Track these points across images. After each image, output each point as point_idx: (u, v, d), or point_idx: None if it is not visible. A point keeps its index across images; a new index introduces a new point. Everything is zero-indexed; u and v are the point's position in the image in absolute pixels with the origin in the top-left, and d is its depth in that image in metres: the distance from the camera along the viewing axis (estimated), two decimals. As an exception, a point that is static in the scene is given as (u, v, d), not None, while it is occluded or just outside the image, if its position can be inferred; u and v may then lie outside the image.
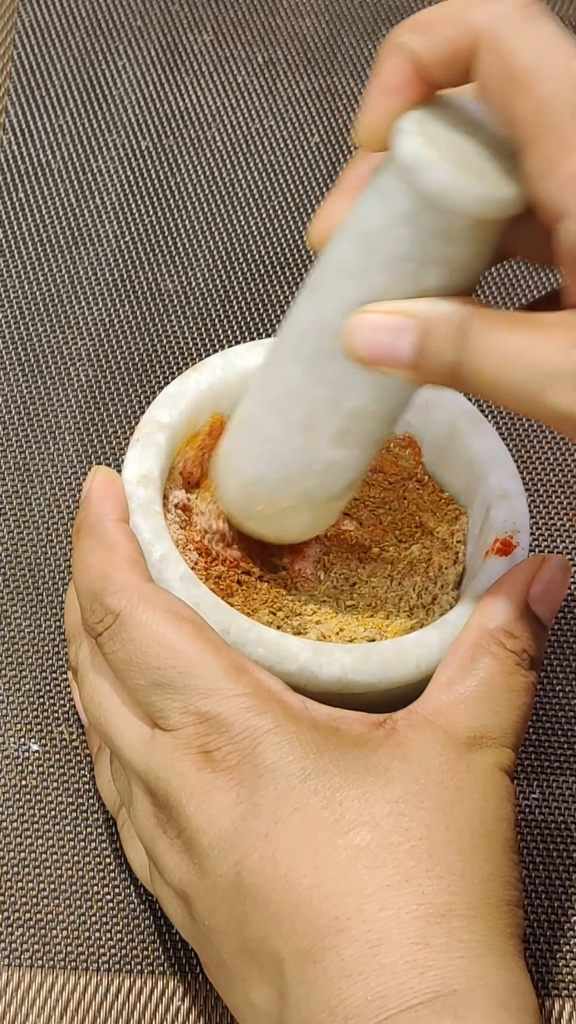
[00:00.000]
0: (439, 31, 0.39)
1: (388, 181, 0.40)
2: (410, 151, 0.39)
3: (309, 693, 0.44)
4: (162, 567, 0.46)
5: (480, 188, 0.39)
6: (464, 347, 0.39)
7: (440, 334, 0.39)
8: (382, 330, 0.40)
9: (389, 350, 0.40)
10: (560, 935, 0.52)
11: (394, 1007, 0.39)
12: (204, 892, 0.42)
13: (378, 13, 0.77)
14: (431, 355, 0.40)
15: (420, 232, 0.40)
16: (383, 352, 0.40)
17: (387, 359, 0.40)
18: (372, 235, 0.41)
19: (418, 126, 0.39)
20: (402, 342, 0.40)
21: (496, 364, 0.38)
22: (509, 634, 0.44)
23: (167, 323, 0.65)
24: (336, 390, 0.44)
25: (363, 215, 0.41)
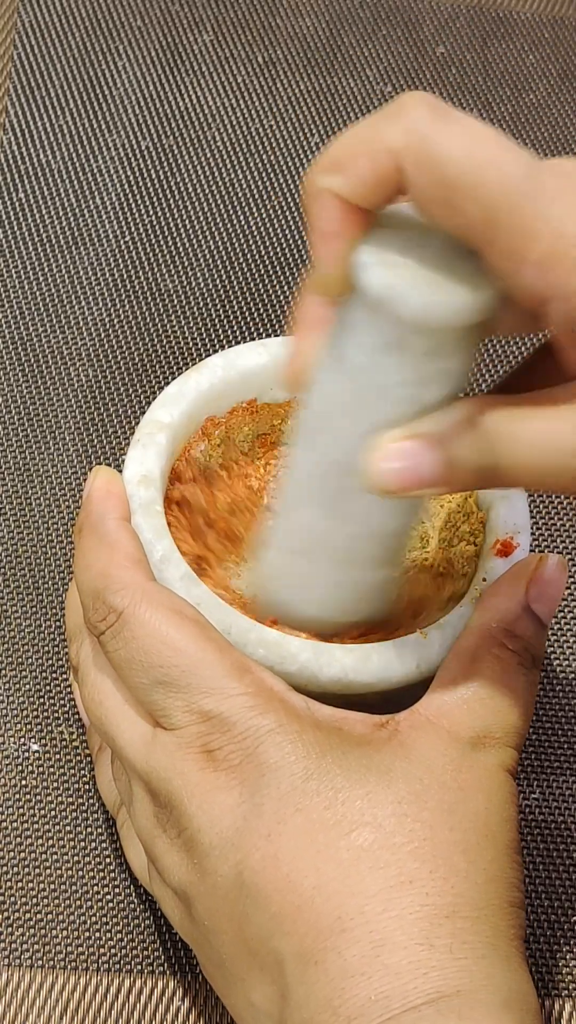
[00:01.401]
0: (357, 165, 0.38)
1: (362, 316, 0.39)
2: (377, 285, 0.38)
3: (309, 693, 0.44)
4: (163, 567, 0.46)
5: (458, 298, 0.38)
6: (490, 446, 0.39)
7: (459, 443, 0.39)
8: (402, 459, 0.40)
9: (415, 475, 0.40)
10: (560, 935, 0.52)
11: (397, 1007, 0.39)
12: (204, 892, 0.42)
13: (378, 13, 0.77)
14: (456, 467, 0.39)
15: (410, 356, 0.39)
16: (410, 479, 0.40)
17: (416, 484, 0.40)
18: (361, 370, 0.40)
19: (376, 258, 0.38)
20: (425, 464, 0.39)
21: (530, 456, 0.38)
22: (510, 634, 0.44)
23: (167, 323, 0.65)
24: (367, 521, 0.43)
25: (345, 352, 0.40)
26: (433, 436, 0.39)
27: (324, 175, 0.39)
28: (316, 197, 0.39)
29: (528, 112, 0.74)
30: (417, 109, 0.37)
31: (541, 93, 0.75)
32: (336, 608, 0.47)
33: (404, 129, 0.37)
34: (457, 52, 0.76)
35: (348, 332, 0.40)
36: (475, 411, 0.39)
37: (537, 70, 0.76)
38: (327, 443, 0.42)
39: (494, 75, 0.75)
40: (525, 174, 0.36)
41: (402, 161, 0.37)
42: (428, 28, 0.77)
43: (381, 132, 0.38)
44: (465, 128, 0.37)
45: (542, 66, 0.76)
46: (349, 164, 0.38)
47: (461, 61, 0.76)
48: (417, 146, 0.37)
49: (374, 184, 0.38)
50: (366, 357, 0.40)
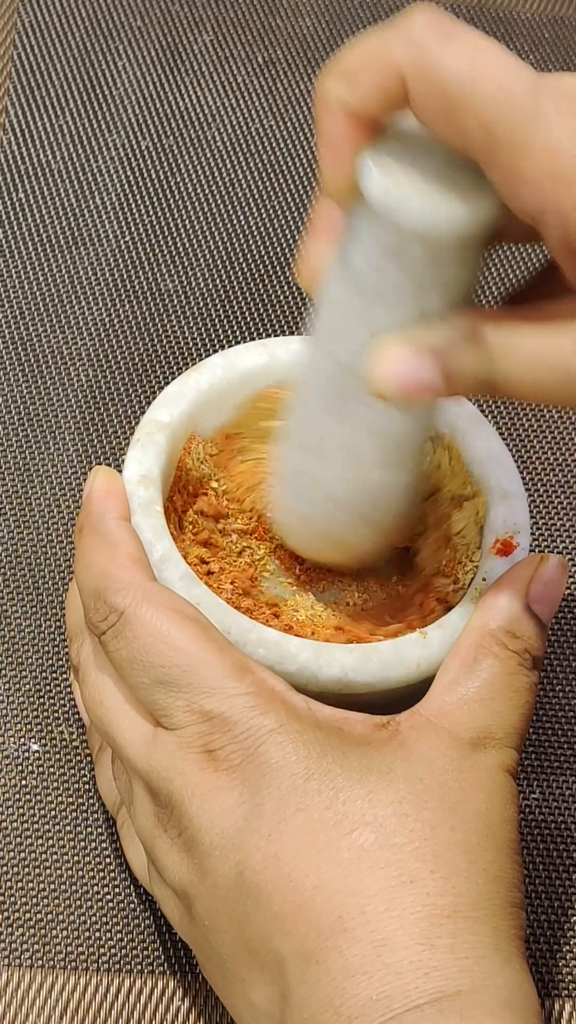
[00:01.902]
0: (363, 76, 0.38)
1: (366, 222, 0.40)
2: (379, 191, 0.39)
3: (309, 693, 0.44)
4: (163, 566, 0.46)
5: (456, 208, 0.39)
6: (487, 359, 0.39)
7: (458, 353, 0.40)
8: (404, 367, 0.40)
9: (417, 383, 0.40)
10: (560, 935, 0.52)
11: (399, 1007, 0.39)
12: (205, 892, 0.42)
13: (378, 13, 0.77)
14: (455, 376, 0.40)
15: (410, 263, 0.40)
16: (410, 387, 0.40)
17: (418, 391, 0.40)
18: (364, 273, 0.41)
19: (378, 167, 0.39)
20: (426, 373, 0.40)
21: (525, 370, 0.38)
22: (511, 634, 0.44)
23: (167, 323, 0.65)
24: (371, 423, 0.44)
25: (350, 256, 0.41)
26: (434, 344, 0.40)
27: (330, 83, 0.39)
28: (324, 105, 0.39)
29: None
30: (423, 22, 0.38)
31: (541, 93, 0.75)
32: (347, 501, 0.47)
33: (408, 42, 0.37)
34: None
35: (353, 237, 0.41)
36: (475, 323, 0.39)
37: (537, 70, 0.76)
38: (334, 345, 0.43)
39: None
40: (525, 91, 0.37)
41: (406, 74, 0.38)
42: (428, 28, 0.77)
43: (387, 44, 0.38)
44: (468, 43, 0.37)
45: (542, 66, 0.76)
46: (355, 75, 0.39)
47: (461, 61, 0.76)
48: (420, 60, 0.37)
49: (378, 95, 0.38)
50: (369, 261, 0.40)
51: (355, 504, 0.47)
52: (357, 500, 0.47)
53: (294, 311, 0.66)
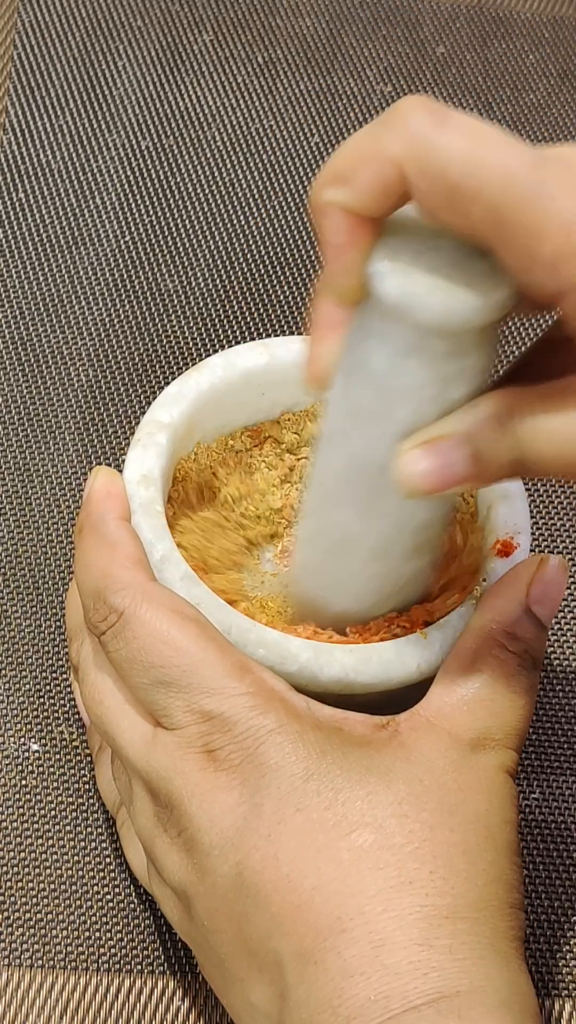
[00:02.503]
0: (361, 177, 0.38)
1: (379, 322, 0.39)
2: (394, 292, 0.38)
3: (310, 693, 0.44)
4: (163, 567, 0.46)
5: (474, 299, 0.38)
6: (517, 442, 0.39)
7: (487, 438, 0.39)
8: (432, 459, 0.40)
9: (447, 474, 0.40)
10: (560, 935, 0.52)
11: (397, 1007, 0.39)
12: (204, 892, 0.42)
13: (378, 13, 0.77)
14: (487, 461, 0.39)
15: (431, 358, 0.39)
16: (442, 478, 0.40)
17: (448, 482, 0.40)
18: (383, 374, 0.40)
19: (389, 265, 0.39)
20: (456, 462, 0.40)
21: (558, 450, 0.38)
22: (511, 635, 0.44)
23: (167, 323, 0.65)
24: (399, 517, 0.44)
25: (365, 357, 0.40)
26: (461, 434, 0.40)
27: (328, 188, 0.39)
28: (323, 211, 0.39)
29: (528, 112, 0.74)
30: (415, 114, 0.37)
31: (541, 93, 0.75)
32: (371, 600, 0.47)
33: (404, 136, 0.37)
34: (457, 52, 0.76)
35: (368, 338, 0.40)
36: (500, 406, 0.39)
37: (537, 70, 0.76)
38: (355, 445, 0.43)
39: (494, 75, 0.75)
40: (529, 170, 0.36)
41: (405, 168, 0.37)
42: (428, 28, 0.77)
43: (381, 140, 0.37)
44: (465, 129, 0.37)
45: (542, 66, 0.76)
46: (352, 176, 0.38)
47: (461, 61, 0.76)
48: (418, 152, 0.37)
49: (379, 194, 0.38)
50: (387, 361, 0.40)
51: (386, 603, 0.47)
52: (385, 597, 0.47)
53: (294, 311, 0.66)
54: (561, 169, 0.36)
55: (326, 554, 0.46)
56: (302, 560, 0.48)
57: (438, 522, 0.45)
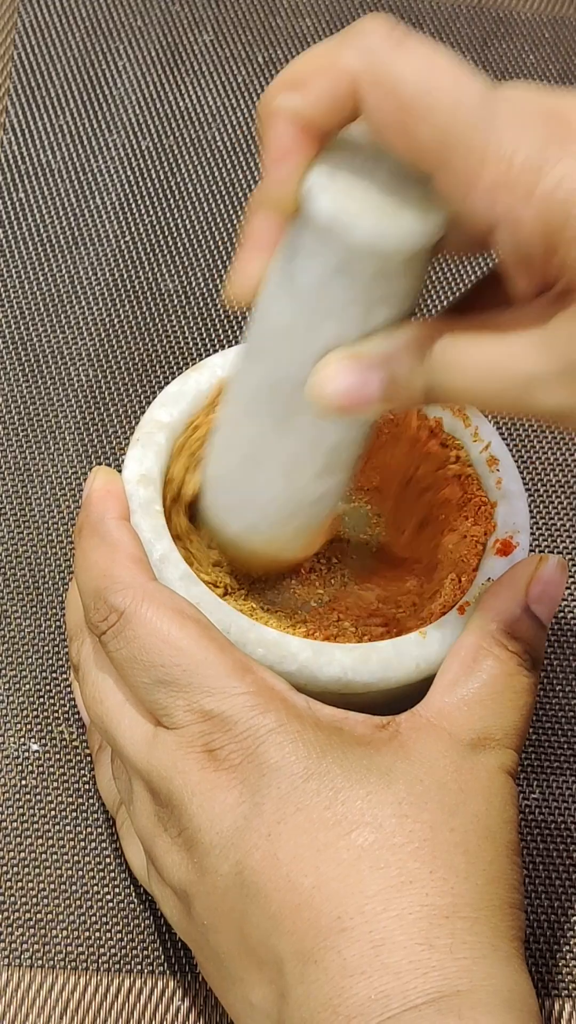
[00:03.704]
0: (315, 85, 0.38)
1: (310, 238, 0.39)
2: (327, 210, 0.38)
3: (309, 693, 0.44)
4: (162, 566, 0.46)
5: (406, 224, 0.38)
6: (432, 369, 0.39)
7: (404, 364, 0.40)
8: (348, 378, 0.40)
9: (360, 394, 0.40)
10: (560, 935, 0.52)
11: (397, 1007, 0.39)
12: (204, 891, 0.42)
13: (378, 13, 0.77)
14: (402, 386, 0.40)
15: (358, 279, 0.39)
16: (355, 398, 0.40)
17: (360, 403, 0.40)
18: (309, 290, 0.40)
19: (326, 181, 0.39)
20: (370, 383, 0.40)
21: (470, 378, 0.38)
22: (510, 635, 0.44)
23: (167, 323, 0.65)
24: (311, 435, 0.44)
25: (293, 273, 0.40)
26: (378, 356, 0.40)
27: (280, 93, 0.39)
28: (272, 116, 0.39)
29: (528, 112, 0.74)
30: (375, 32, 0.37)
31: (541, 93, 0.75)
32: (277, 515, 0.47)
33: (361, 51, 0.37)
34: (457, 52, 0.76)
35: (297, 253, 0.40)
36: (422, 333, 0.39)
37: (537, 70, 0.76)
38: (276, 360, 0.43)
39: (494, 75, 0.75)
40: (479, 100, 0.36)
41: (358, 82, 0.37)
42: (428, 28, 0.77)
43: (339, 53, 0.38)
44: (422, 52, 0.37)
45: (542, 66, 0.76)
46: (305, 84, 0.38)
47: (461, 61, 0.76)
48: (373, 68, 0.37)
49: (329, 104, 0.38)
50: (314, 278, 0.40)
51: (293, 517, 0.47)
52: (295, 513, 0.47)
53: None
54: (510, 105, 0.37)
55: (236, 468, 0.46)
56: (211, 473, 0.48)
57: (350, 444, 0.45)
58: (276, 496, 0.46)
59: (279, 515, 0.47)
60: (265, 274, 0.41)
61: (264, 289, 0.42)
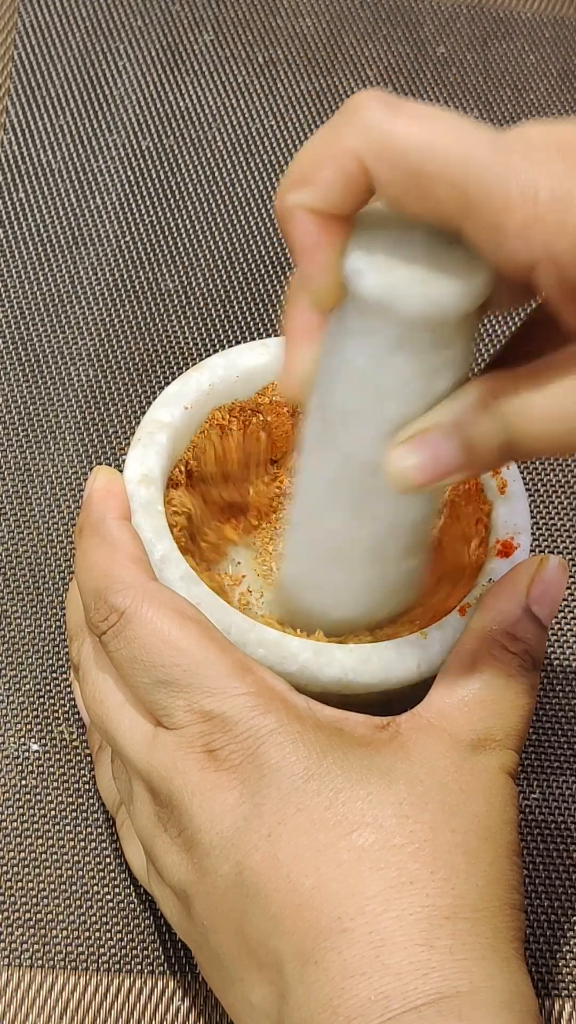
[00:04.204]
0: (323, 175, 0.38)
1: (360, 320, 0.39)
2: (375, 289, 0.38)
3: (310, 693, 0.44)
4: (163, 566, 0.46)
5: (455, 287, 0.38)
6: (504, 425, 0.39)
7: (475, 426, 0.39)
8: (422, 452, 0.40)
9: (439, 466, 0.40)
10: (560, 935, 0.52)
11: (398, 1007, 0.39)
12: (204, 891, 0.42)
13: (378, 13, 0.77)
14: (477, 449, 0.39)
15: (416, 352, 0.39)
16: (434, 471, 0.40)
17: (441, 474, 0.40)
18: (368, 373, 0.40)
19: (367, 261, 0.38)
20: (446, 453, 0.40)
21: (545, 425, 0.38)
22: (511, 636, 0.44)
23: (167, 323, 0.65)
24: (392, 517, 0.44)
25: (347, 358, 0.40)
26: (448, 424, 0.40)
27: (292, 192, 0.39)
28: (289, 216, 0.39)
29: (528, 112, 0.74)
30: (370, 107, 0.37)
31: (541, 93, 0.75)
32: (368, 604, 0.47)
33: (360, 128, 0.37)
34: (457, 52, 0.76)
35: (349, 338, 0.40)
36: (485, 391, 0.39)
37: (537, 70, 0.76)
38: (343, 448, 0.42)
39: (494, 75, 0.75)
40: (488, 146, 0.36)
41: (365, 160, 0.37)
42: (428, 28, 0.77)
43: (339, 137, 0.37)
44: (421, 115, 0.37)
45: (542, 66, 0.76)
46: (314, 175, 0.38)
47: (461, 61, 0.76)
48: (377, 142, 0.37)
49: (343, 190, 0.38)
50: (371, 359, 0.40)
51: (388, 598, 0.47)
52: (385, 602, 0.47)
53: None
54: (519, 143, 0.36)
55: (320, 563, 0.46)
56: (294, 571, 0.47)
57: (429, 519, 0.45)
58: (366, 583, 0.46)
59: (373, 602, 0.47)
60: (316, 365, 0.41)
61: (319, 380, 0.41)
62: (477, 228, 0.37)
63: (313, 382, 0.42)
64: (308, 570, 0.47)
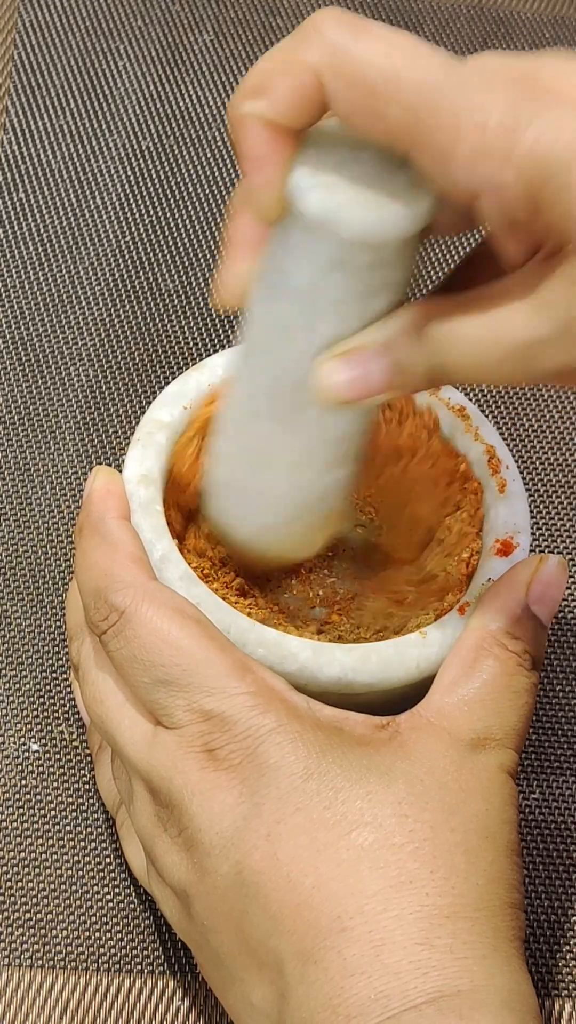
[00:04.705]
0: (279, 87, 0.38)
1: (300, 237, 0.39)
2: (317, 207, 0.38)
3: (309, 693, 0.44)
4: (162, 566, 0.46)
5: (397, 211, 0.38)
6: (433, 350, 0.39)
7: (405, 348, 0.40)
8: (351, 369, 0.40)
9: (365, 385, 0.40)
10: (560, 935, 0.52)
11: (397, 1007, 0.39)
12: (204, 891, 0.42)
13: (378, 13, 0.77)
14: (405, 371, 0.40)
15: (355, 272, 0.39)
16: (360, 389, 0.40)
17: (366, 393, 0.41)
18: (304, 289, 0.40)
19: (310, 179, 0.38)
20: (373, 372, 0.40)
21: (470, 353, 0.38)
22: (510, 635, 0.44)
23: (167, 323, 0.65)
24: (318, 430, 0.44)
25: (284, 273, 0.40)
26: (379, 344, 0.40)
27: (247, 101, 0.38)
28: (242, 124, 0.39)
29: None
30: (330, 24, 0.37)
31: (541, 93, 0.75)
32: (290, 512, 0.47)
33: (320, 44, 0.37)
34: (458, 52, 0.76)
35: (288, 254, 0.40)
36: (418, 316, 0.39)
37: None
38: (276, 360, 0.43)
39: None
40: (445, 73, 0.36)
41: (322, 75, 0.37)
42: (428, 28, 0.77)
43: (298, 51, 0.37)
44: (381, 35, 0.37)
45: (542, 66, 0.76)
46: (271, 86, 0.38)
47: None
48: (335, 58, 0.37)
49: (298, 103, 0.38)
50: (309, 277, 0.40)
51: (302, 514, 0.47)
52: (305, 509, 0.47)
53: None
54: (476, 72, 0.36)
55: (244, 470, 0.46)
56: (218, 477, 0.48)
57: (357, 434, 0.45)
58: (285, 494, 0.46)
59: (289, 513, 0.47)
60: (253, 276, 0.41)
61: (255, 292, 0.42)
62: (426, 153, 0.37)
63: (249, 293, 0.42)
64: (235, 475, 0.47)
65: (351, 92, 0.37)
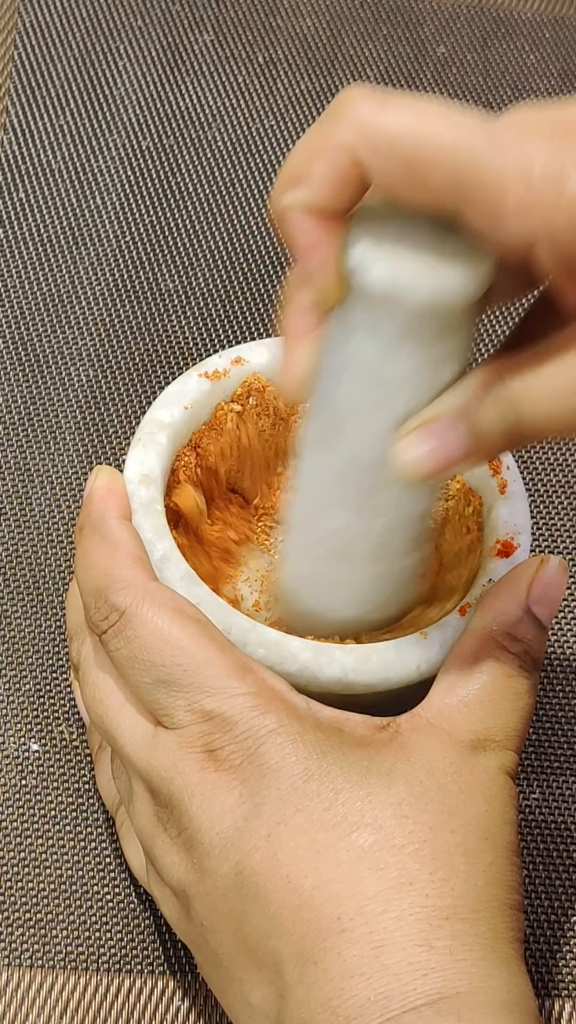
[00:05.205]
0: (316, 172, 0.38)
1: (365, 313, 0.39)
2: (383, 280, 0.38)
3: (310, 693, 0.44)
4: (163, 566, 0.46)
5: (461, 275, 0.38)
6: (509, 408, 0.38)
7: (480, 411, 0.39)
8: (430, 441, 0.40)
9: (445, 455, 0.40)
10: (560, 935, 0.52)
11: (397, 1008, 0.39)
12: (204, 891, 0.42)
13: (378, 13, 0.77)
14: (483, 434, 0.39)
15: (421, 342, 0.39)
16: (441, 459, 0.40)
17: (450, 462, 0.40)
18: (375, 366, 0.40)
19: (371, 253, 0.38)
20: (454, 440, 0.40)
21: (548, 406, 0.38)
22: (511, 636, 0.44)
23: (167, 323, 0.65)
24: (398, 510, 0.44)
25: (351, 353, 0.40)
26: (454, 411, 0.40)
27: (286, 192, 0.39)
28: (285, 217, 0.39)
29: (528, 112, 0.74)
30: (358, 101, 0.37)
31: (541, 93, 0.75)
32: (375, 602, 0.47)
33: (351, 122, 0.37)
34: (457, 52, 0.76)
35: (353, 333, 0.40)
36: (488, 377, 0.39)
37: (537, 70, 0.76)
38: (349, 443, 0.42)
39: (494, 75, 0.75)
40: (480, 131, 0.36)
41: (358, 153, 0.37)
42: (428, 28, 0.77)
43: (331, 133, 0.38)
44: (409, 104, 0.37)
45: (542, 66, 0.76)
46: (307, 173, 0.38)
47: (461, 61, 0.76)
48: (369, 134, 0.37)
49: (338, 185, 0.38)
50: (379, 352, 0.40)
51: (379, 594, 0.47)
52: (382, 590, 0.47)
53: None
54: (510, 126, 0.37)
55: (323, 562, 0.46)
56: (297, 572, 0.47)
57: (429, 514, 0.45)
58: (371, 580, 0.46)
59: (378, 600, 0.47)
60: (316, 360, 0.41)
61: (320, 378, 0.41)
62: (475, 211, 0.37)
63: (312, 381, 0.42)
64: (310, 572, 0.47)
65: (390, 165, 0.37)
